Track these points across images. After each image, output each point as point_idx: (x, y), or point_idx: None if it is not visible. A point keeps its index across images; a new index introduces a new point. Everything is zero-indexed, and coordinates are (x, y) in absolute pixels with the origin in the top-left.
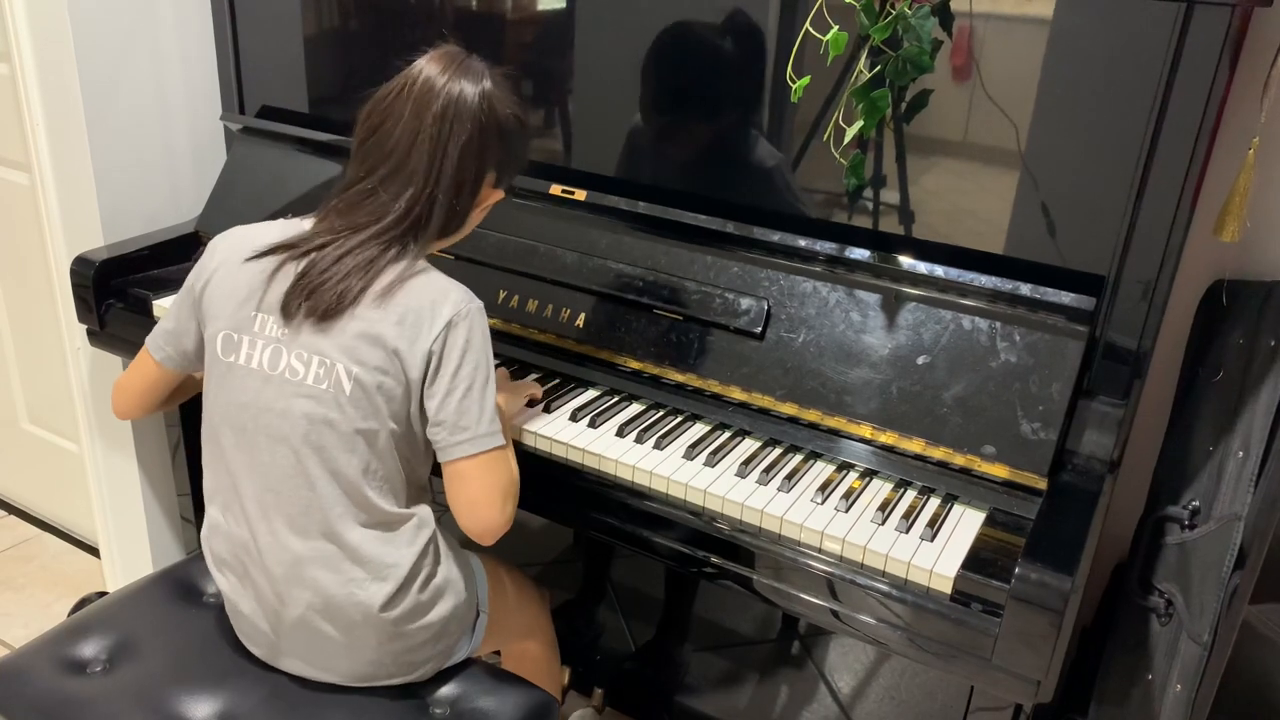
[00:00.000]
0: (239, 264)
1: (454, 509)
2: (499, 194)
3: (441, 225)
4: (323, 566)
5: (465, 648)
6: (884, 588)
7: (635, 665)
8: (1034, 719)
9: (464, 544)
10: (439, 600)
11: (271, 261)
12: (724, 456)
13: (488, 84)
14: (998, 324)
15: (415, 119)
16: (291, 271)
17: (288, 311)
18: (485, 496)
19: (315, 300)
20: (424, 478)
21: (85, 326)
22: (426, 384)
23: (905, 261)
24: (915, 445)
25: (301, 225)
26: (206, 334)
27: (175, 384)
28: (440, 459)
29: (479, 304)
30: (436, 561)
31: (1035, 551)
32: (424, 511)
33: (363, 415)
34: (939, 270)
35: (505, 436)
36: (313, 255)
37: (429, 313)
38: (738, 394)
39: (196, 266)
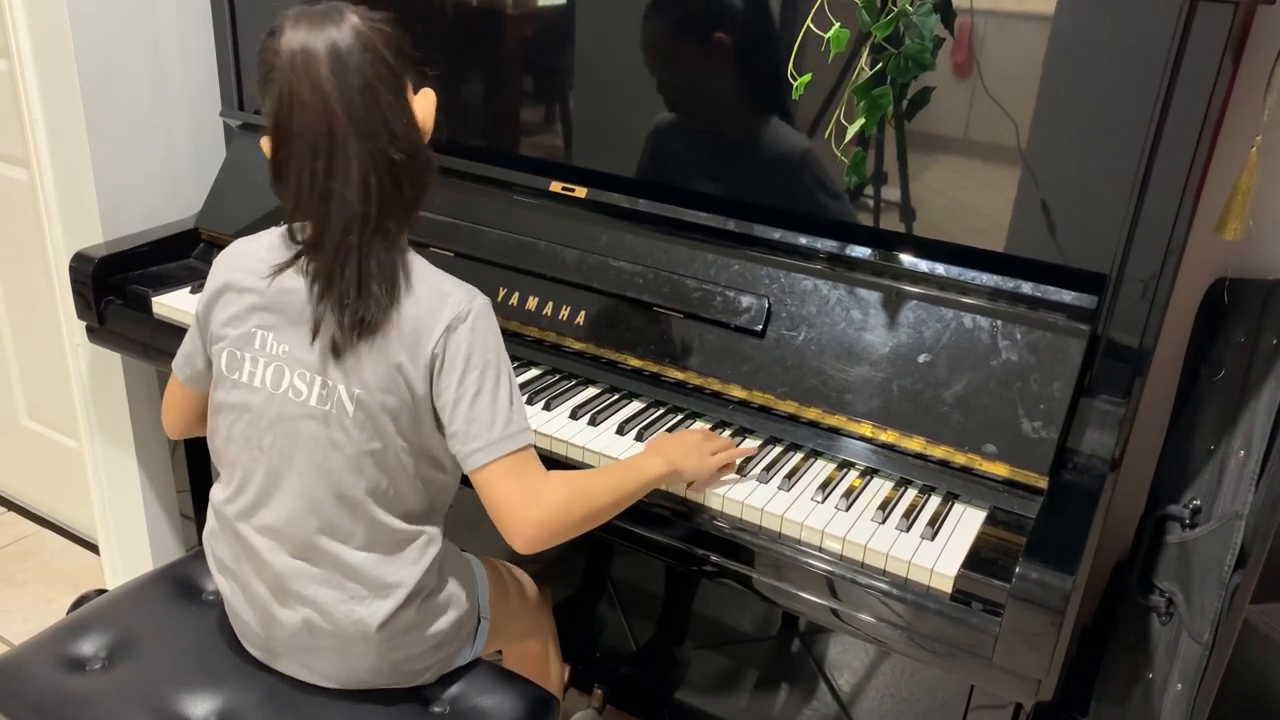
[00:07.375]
0: (238, 283)
1: (493, 520)
2: (428, 93)
3: (409, 170)
4: (323, 583)
5: (467, 654)
6: (884, 587)
7: (635, 663)
8: (1034, 718)
9: (464, 548)
10: (440, 615)
11: (271, 277)
12: None
13: (353, 18)
14: (999, 322)
15: (314, 93)
16: (300, 286)
17: (336, 349)
18: (508, 503)
19: (360, 328)
20: (449, 488)
21: (84, 323)
22: (434, 395)
23: (906, 259)
24: (916, 444)
25: (291, 240)
26: (212, 352)
27: (206, 402)
28: (465, 472)
29: (482, 301)
30: (441, 576)
31: (1036, 550)
32: (433, 528)
33: (368, 437)
34: (940, 268)
35: (529, 437)
36: (331, 280)
37: (428, 320)
38: (738, 392)
39: (204, 288)
